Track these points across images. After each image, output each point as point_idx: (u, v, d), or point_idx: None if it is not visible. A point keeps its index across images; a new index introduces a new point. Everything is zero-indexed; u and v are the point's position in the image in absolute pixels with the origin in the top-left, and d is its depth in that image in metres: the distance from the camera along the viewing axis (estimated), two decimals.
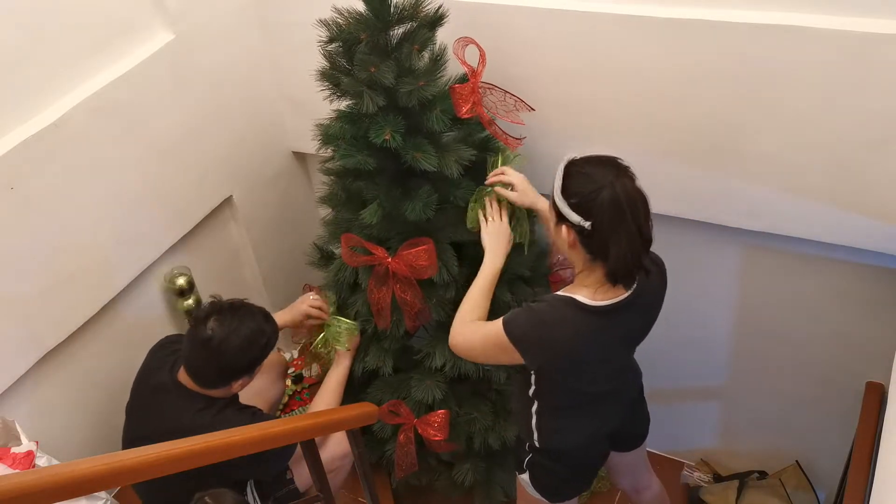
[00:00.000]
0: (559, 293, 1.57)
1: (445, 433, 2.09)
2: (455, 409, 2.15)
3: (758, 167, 1.91)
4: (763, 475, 2.56)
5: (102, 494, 1.89)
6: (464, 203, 1.92)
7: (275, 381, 2.42)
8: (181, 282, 2.34)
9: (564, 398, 1.72)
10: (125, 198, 2.10)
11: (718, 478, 2.62)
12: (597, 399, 1.73)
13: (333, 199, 2.10)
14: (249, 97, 2.41)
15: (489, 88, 1.90)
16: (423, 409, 2.12)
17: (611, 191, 1.40)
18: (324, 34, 1.81)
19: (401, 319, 2.03)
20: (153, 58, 2.05)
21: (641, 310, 1.60)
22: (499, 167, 1.89)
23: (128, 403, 1.97)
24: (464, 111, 1.81)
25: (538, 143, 2.09)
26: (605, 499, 2.67)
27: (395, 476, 2.30)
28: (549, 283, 2.20)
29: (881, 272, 2.01)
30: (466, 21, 1.91)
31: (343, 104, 1.89)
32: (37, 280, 1.92)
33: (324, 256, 2.31)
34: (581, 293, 1.52)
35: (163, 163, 2.19)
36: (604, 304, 1.51)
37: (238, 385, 1.88)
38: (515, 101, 1.92)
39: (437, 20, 1.83)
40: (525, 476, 1.85)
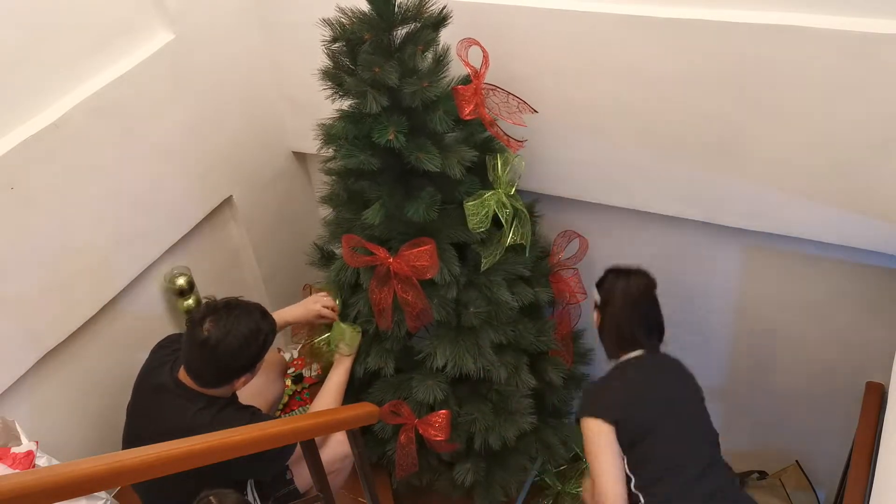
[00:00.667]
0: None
1: (446, 434, 2.09)
2: (456, 410, 2.15)
3: (758, 167, 1.91)
4: (763, 475, 2.56)
5: (102, 494, 1.88)
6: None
7: (274, 381, 2.42)
8: (181, 282, 2.34)
9: (654, 465, 1.78)
10: (125, 198, 2.10)
11: None
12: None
13: (335, 199, 2.10)
14: (249, 97, 2.41)
15: (492, 90, 1.90)
16: (425, 410, 2.12)
17: (623, 277, 1.93)
18: (327, 34, 1.81)
19: (402, 320, 2.02)
20: (153, 58, 2.05)
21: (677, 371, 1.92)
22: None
23: (129, 403, 1.96)
24: (467, 112, 1.80)
25: (538, 143, 2.09)
26: None
27: (396, 476, 2.29)
28: (550, 283, 2.21)
29: (881, 272, 2.02)
30: (469, 21, 1.91)
31: (345, 104, 1.89)
32: (37, 280, 1.91)
33: (324, 256, 2.30)
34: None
35: (163, 163, 2.18)
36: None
37: (241, 382, 1.87)
38: (518, 103, 1.92)
39: (441, 21, 1.83)
40: None
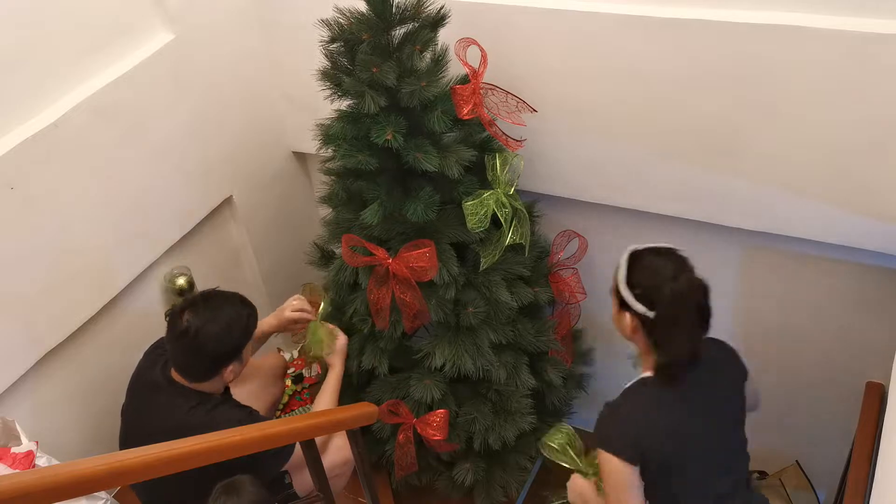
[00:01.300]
0: (630, 384, 1.64)
1: (445, 433, 2.09)
2: (455, 409, 2.15)
3: (758, 167, 1.91)
4: (763, 475, 2.56)
5: (102, 494, 1.88)
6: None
7: (274, 382, 2.42)
8: (181, 282, 2.34)
9: (675, 500, 1.65)
10: (125, 198, 2.10)
11: None
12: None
13: (334, 199, 2.10)
14: (249, 97, 2.41)
15: (490, 89, 1.90)
16: (423, 409, 2.12)
17: (674, 283, 1.51)
18: (325, 34, 1.81)
19: (399, 320, 2.02)
20: (153, 58, 2.05)
21: (711, 375, 1.64)
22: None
23: (123, 405, 1.96)
24: (465, 112, 1.80)
25: (537, 143, 2.09)
26: None
27: (395, 476, 2.30)
28: (549, 283, 2.20)
29: (881, 272, 2.01)
30: (467, 21, 1.91)
31: (344, 104, 1.89)
32: (37, 280, 1.91)
33: (324, 256, 2.31)
34: (647, 372, 1.63)
35: (163, 163, 2.18)
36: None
37: (229, 372, 1.84)
38: (517, 103, 1.92)
39: (439, 20, 1.83)
40: None
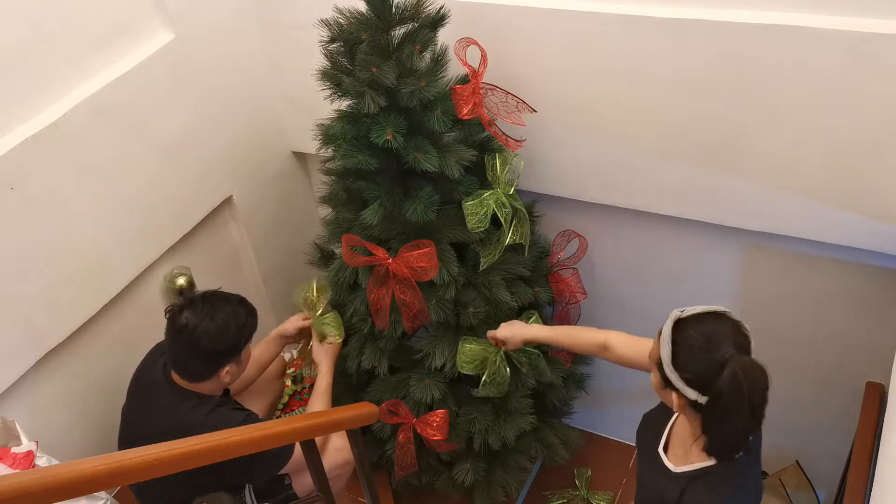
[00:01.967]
0: (712, 465, 1.42)
1: (444, 433, 2.09)
2: (455, 409, 2.15)
3: (758, 167, 1.91)
4: (763, 475, 2.56)
5: (102, 494, 1.88)
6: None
7: (273, 382, 2.42)
8: (181, 282, 2.34)
9: None
10: (125, 198, 2.10)
11: None
12: None
13: (334, 199, 2.10)
14: (249, 97, 2.41)
15: (490, 89, 1.90)
16: (423, 409, 2.12)
17: (731, 371, 1.28)
18: (325, 34, 1.81)
19: (399, 320, 2.02)
20: (153, 58, 2.05)
21: None
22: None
23: (123, 405, 1.96)
24: (465, 112, 1.80)
25: (538, 143, 2.09)
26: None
27: (395, 476, 2.30)
28: (549, 283, 2.21)
29: (881, 272, 2.01)
30: (467, 21, 1.91)
31: (344, 104, 1.89)
32: (37, 280, 1.91)
33: (324, 256, 2.31)
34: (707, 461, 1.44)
35: (163, 163, 2.18)
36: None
37: (226, 373, 1.85)
38: (517, 103, 1.92)
39: (439, 20, 1.83)
40: None
